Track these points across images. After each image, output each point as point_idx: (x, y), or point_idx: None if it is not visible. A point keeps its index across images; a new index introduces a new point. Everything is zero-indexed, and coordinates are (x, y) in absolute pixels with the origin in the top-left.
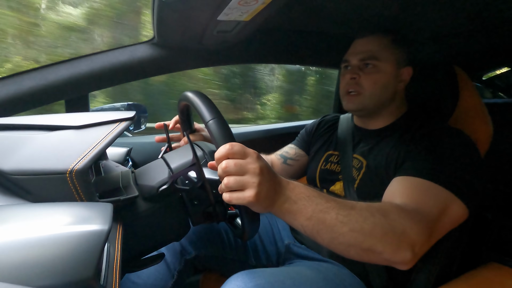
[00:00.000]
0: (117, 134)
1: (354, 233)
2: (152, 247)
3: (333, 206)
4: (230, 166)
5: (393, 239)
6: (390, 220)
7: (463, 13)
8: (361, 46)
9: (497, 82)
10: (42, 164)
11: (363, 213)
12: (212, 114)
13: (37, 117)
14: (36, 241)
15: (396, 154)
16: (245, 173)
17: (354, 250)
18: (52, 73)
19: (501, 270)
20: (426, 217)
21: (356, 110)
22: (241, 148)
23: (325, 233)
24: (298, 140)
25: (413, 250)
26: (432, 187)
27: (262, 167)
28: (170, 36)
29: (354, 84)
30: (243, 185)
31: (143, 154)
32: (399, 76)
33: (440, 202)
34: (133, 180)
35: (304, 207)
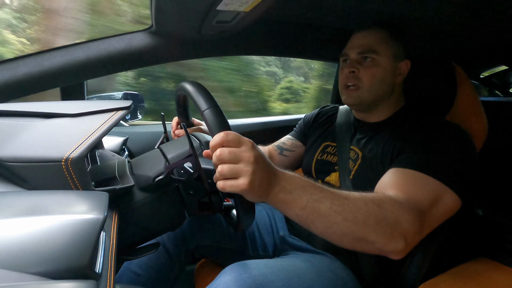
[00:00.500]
0: (114, 123)
1: (348, 223)
2: (147, 237)
3: (328, 196)
4: (224, 153)
5: (386, 229)
6: (383, 210)
7: (463, 10)
8: (359, 39)
9: (494, 80)
10: (37, 152)
11: (357, 203)
12: (208, 104)
13: (33, 104)
14: (31, 228)
15: (392, 146)
16: (239, 161)
17: (348, 239)
18: (48, 60)
19: (491, 264)
20: (418, 207)
21: (354, 104)
22: (235, 137)
23: (319, 223)
24: (295, 131)
25: (406, 240)
26: (424, 178)
27: (256, 155)
28: (169, 25)
29: (353, 78)
30: (237, 173)
31: (139, 144)
32: (397, 69)
33: (432, 192)
34: (129, 170)
35: (298, 197)
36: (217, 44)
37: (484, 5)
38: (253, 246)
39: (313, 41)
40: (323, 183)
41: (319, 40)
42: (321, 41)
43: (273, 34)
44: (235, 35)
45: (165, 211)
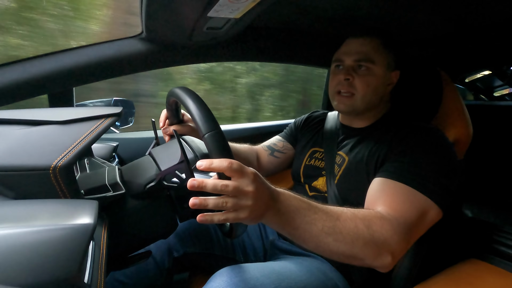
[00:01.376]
0: (103, 130)
1: (337, 243)
2: (139, 245)
3: (320, 217)
4: (229, 189)
5: (374, 248)
6: (372, 232)
7: (448, 18)
8: (356, 46)
9: (478, 85)
10: (24, 160)
11: (347, 224)
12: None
13: (20, 111)
14: (18, 238)
15: (377, 153)
16: (241, 195)
17: (337, 256)
18: (35, 66)
19: (481, 265)
20: (406, 225)
21: (346, 111)
22: (239, 167)
23: (310, 242)
24: (286, 134)
25: (393, 256)
26: (413, 193)
27: (258, 189)
28: (159, 31)
29: (347, 86)
30: (239, 207)
31: (130, 150)
32: (389, 79)
33: (419, 208)
34: (120, 177)
35: (292, 219)
36: (208, 50)
37: (466, 13)
38: (243, 252)
39: (303, 47)
40: (310, 187)
41: (310, 46)
42: (311, 47)
43: (263, 40)
44: (226, 42)
45: (157, 219)
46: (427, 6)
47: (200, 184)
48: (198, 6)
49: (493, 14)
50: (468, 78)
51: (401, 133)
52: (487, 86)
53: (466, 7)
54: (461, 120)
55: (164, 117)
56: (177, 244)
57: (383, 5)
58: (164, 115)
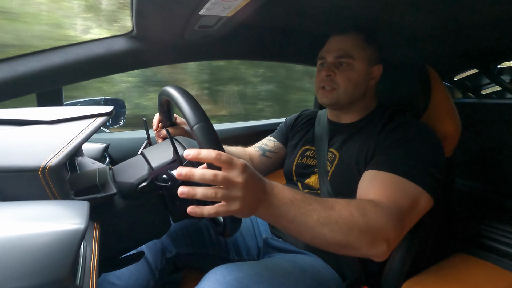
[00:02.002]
0: (94, 130)
1: (333, 233)
2: (131, 246)
3: (315, 208)
4: (219, 178)
5: (369, 236)
6: (367, 219)
7: (437, 16)
8: (337, 44)
9: (466, 83)
10: (11, 161)
11: (342, 213)
12: (198, 118)
13: (6, 111)
14: (6, 241)
15: (367, 147)
16: (231, 186)
17: (333, 247)
18: (22, 65)
19: (468, 260)
20: (399, 212)
21: (330, 104)
22: (228, 159)
23: (305, 234)
24: (277, 133)
25: (388, 244)
26: (403, 182)
27: (248, 179)
28: (150, 30)
29: (329, 81)
30: (229, 198)
31: (121, 150)
32: (371, 73)
33: (410, 196)
34: (111, 177)
35: (286, 211)
36: (200, 48)
37: (454, 13)
38: (237, 251)
39: (294, 45)
40: (303, 185)
41: (301, 44)
42: (302, 45)
43: (256, 38)
44: (218, 40)
45: (150, 219)
46: (416, 6)
47: (188, 173)
48: (189, 4)
49: (480, 14)
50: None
51: (389, 126)
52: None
53: (454, 7)
54: (449, 117)
55: (157, 120)
56: (170, 244)
57: (372, 5)
58: (157, 118)
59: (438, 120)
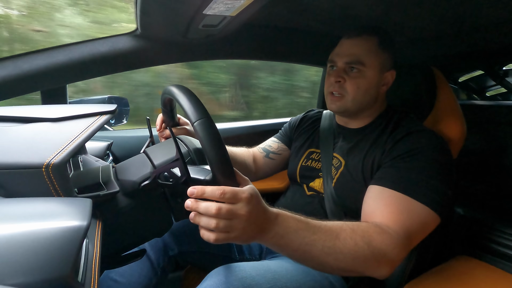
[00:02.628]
0: (97, 128)
1: (337, 262)
2: (133, 243)
3: (319, 238)
4: (222, 212)
5: (373, 263)
6: (372, 248)
7: (443, 17)
8: (348, 48)
9: (471, 85)
10: (16, 158)
11: (347, 242)
12: (199, 114)
13: (12, 108)
14: (10, 237)
15: (372, 157)
16: (234, 218)
17: (337, 272)
18: (27, 63)
19: (471, 262)
20: (406, 236)
21: (338, 111)
22: (232, 195)
23: (310, 262)
24: (281, 134)
25: (391, 266)
26: (410, 202)
27: (251, 211)
28: (154, 29)
29: (338, 87)
30: (231, 229)
31: (124, 148)
32: (383, 80)
33: (419, 218)
34: (114, 175)
35: (291, 241)
36: (204, 48)
37: (460, 14)
38: (239, 250)
39: (299, 45)
40: (308, 188)
41: (305, 44)
42: (307, 45)
43: (259, 38)
44: (221, 39)
45: (152, 217)
46: (421, 7)
47: (193, 204)
48: (193, 3)
49: (486, 15)
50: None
51: (396, 136)
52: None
53: (460, 7)
54: (455, 119)
55: (160, 121)
56: (172, 242)
57: (378, 5)
58: (160, 119)
59: (444, 122)
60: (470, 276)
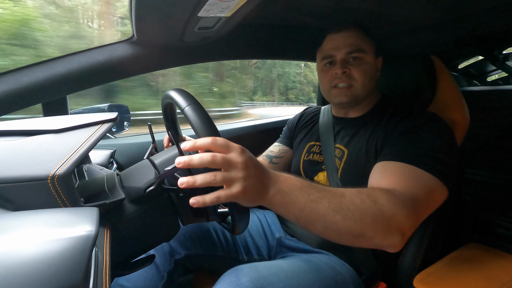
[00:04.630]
0: (100, 136)
1: (346, 221)
2: (142, 249)
3: (325, 195)
4: (217, 158)
5: (383, 225)
6: (380, 206)
7: (438, 4)
8: (343, 40)
9: (471, 71)
10: (21, 171)
11: (353, 200)
12: (187, 101)
13: (14, 122)
14: (21, 250)
15: (375, 139)
16: (230, 168)
17: (346, 237)
18: (26, 76)
19: (480, 249)
20: (413, 200)
21: (348, 102)
22: (224, 142)
23: (317, 223)
24: (281, 137)
25: (402, 233)
26: (416, 171)
27: (247, 160)
28: (150, 34)
29: (346, 78)
30: (230, 180)
31: (127, 155)
32: (377, 65)
33: (426, 186)
34: (119, 183)
35: (296, 198)
36: (201, 50)
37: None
38: (247, 251)
39: (295, 42)
40: None
41: (301, 41)
42: (303, 42)
43: (255, 37)
44: (218, 41)
45: (159, 222)
46: None
47: (186, 160)
48: (188, 6)
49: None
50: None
51: (397, 117)
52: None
53: None
54: (457, 106)
55: (167, 140)
56: (178, 246)
57: None
58: (167, 138)
59: (446, 110)
60: (481, 263)
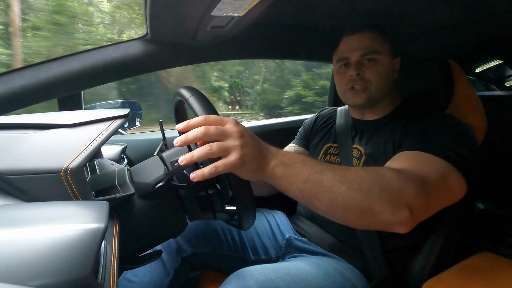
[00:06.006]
0: (112, 132)
1: (353, 192)
2: (149, 244)
3: (329, 167)
4: (211, 130)
5: (391, 197)
6: (387, 178)
7: (456, 6)
8: (358, 42)
9: (489, 75)
10: (36, 163)
11: (359, 172)
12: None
13: (30, 116)
14: (32, 240)
15: (393, 138)
16: (226, 138)
17: (353, 212)
18: (44, 71)
19: (493, 259)
20: (423, 179)
21: (363, 103)
22: (217, 117)
23: (323, 195)
24: (297, 139)
25: (411, 210)
26: (429, 157)
27: (242, 130)
28: (164, 32)
29: (360, 80)
30: (226, 149)
31: (138, 151)
32: (394, 66)
33: (438, 169)
34: (129, 178)
35: (299, 169)
36: (213, 49)
37: (474, 1)
38: (254, 251)
39: (307, 42)
40: None
41: (314, 41)
42: (316, 42)
43: (268, 37)
44: (230, 40)
45: (166, 218)
46: None
47: (183, 139)
48: (201, 5)
49: (502, 1)
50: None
51: (416, 117)
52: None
53: None
54: (474, 111)
55: None
56: (185, 244)
57: None
58: None
59: (463, 115)
60: (494, 273)
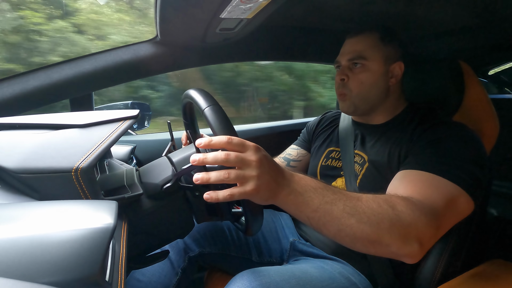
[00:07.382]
0: (121, 133)
1: (361, 225)
2: (157, 244)
3: (340, 197)
4: (231, 157)
5: (401, 231)
6: (397, 212)
7: (468, 8)
8: (350, 46)
9: (503, 77)
10: (47, 163)
11: (370, 204)
12: (208, 102)
13: (42, 116)
14: (42, 238)
15: (399, 149)
16: (244, 166)
17: (361, 243)
18: (57, 73)
19: (506, 266)
20: (433, 209)
21: (347, 111)
22: (240, 142)
23: (331, 225)
24: (299, 140)
25: (421, 243)
26: (437, 180)
27: (261, 159)
28: (173, 35)
29: (342, 87)
30: (244, 178)
31: (147, 152)
32: (390, 72)
33: (446, 195)
34: (138, 178)
35: (310, 199)
36: (221, 51)
37: (487, 3)
38: (259, 252)
39: (316, 44)
40: None
41: (322, 43)
42: (325, 44)
43: (276, 39)
44: (238, 42)
45: (174, 219)
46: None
47: (201, 158)
48: (210, 8)
49: None
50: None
51: (423, 126)
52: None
53: None
54: (486, 114)
55: (185, 137)
56: (192, 244)
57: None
58: (185, 135)
59: (474, 118)
60: (506, 281)
